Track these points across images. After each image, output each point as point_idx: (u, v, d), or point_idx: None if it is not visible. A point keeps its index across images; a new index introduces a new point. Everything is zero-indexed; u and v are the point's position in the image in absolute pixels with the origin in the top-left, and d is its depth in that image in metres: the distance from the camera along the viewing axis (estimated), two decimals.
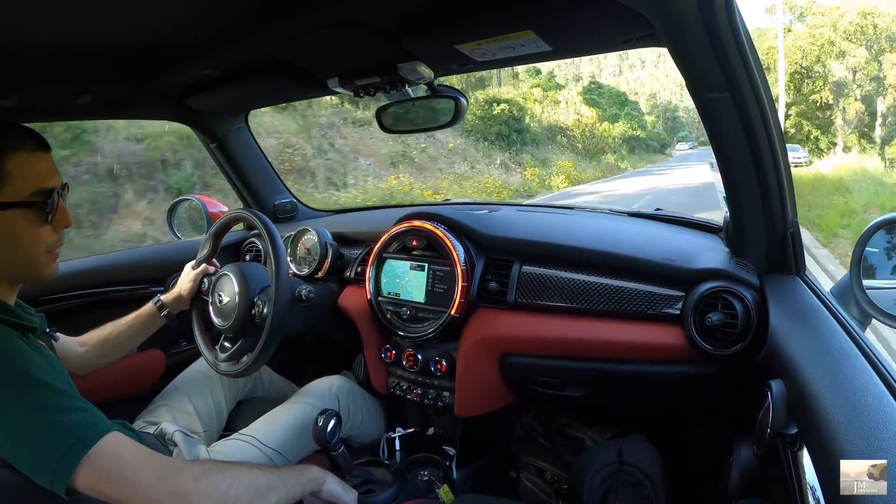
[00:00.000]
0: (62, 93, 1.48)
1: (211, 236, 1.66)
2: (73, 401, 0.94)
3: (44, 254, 1.05)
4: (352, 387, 1.76)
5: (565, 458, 1.70)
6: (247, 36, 1.23)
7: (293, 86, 1.58)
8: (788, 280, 1.26)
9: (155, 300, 1.56)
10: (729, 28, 0.95)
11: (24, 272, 1.05)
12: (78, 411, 0.93)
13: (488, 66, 1.38)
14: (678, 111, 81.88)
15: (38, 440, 0.88)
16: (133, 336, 1.52)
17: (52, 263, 1.08)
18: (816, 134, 32.20)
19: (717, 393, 1.38)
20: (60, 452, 0.88)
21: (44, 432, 0.89)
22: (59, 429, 0.90)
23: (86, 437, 0.91)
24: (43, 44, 1.10)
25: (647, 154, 46.39)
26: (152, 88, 1.62)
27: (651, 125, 57.84)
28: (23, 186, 0.99)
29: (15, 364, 0.90)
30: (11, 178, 0.97)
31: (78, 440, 0.90)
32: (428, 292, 1.66)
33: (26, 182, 0.99)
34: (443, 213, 1.72)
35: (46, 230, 1.03)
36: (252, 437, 1.46)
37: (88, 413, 0.95)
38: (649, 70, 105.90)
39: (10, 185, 0.97)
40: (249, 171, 2.26)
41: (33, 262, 1.04)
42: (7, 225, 0.98)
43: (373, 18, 1.14)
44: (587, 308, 1.45)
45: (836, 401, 0.78)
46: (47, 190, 1.02)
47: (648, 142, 49.75)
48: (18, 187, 0.98)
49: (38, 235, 1.02)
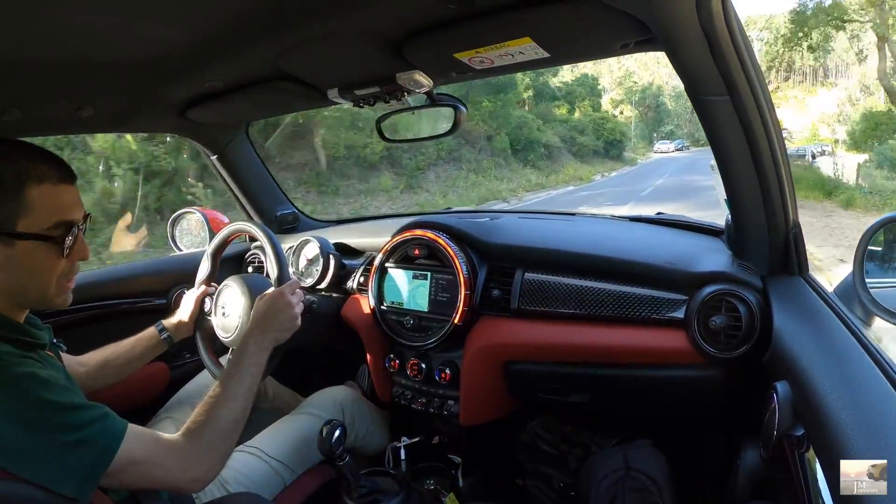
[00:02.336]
0: (64, 107, 1.48)
1: (209, 256, 1.65)
2: (91, 411, 0.95)
3: (55, 284, 1.03)
4: (356, 397, 1.76)
5: (571, 464, 1.69)
6: (247, 48, 1.23)
7: (293, 97, 1.59)
8: (791, 281, 1.26)
9: (157, 325, 1.54)
10: (727, 31, 0.96)
11: (34, 300, 1.04)
12: (98, 420, 0.94)
13: (487, 73, 1.38)
14: (661, 98, 63.78)
15: (67, 457, 0.89)
16: (134, 359, 1.50)
17: (65, 293, 1.07)
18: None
19: (722, 396, 1.38)
20: (90, 464, 0.90)
21: (72, 448, 0.89)
22: (86, 442, 0.91)
23: (111, 443, 0.93)
24: (44, 58, 1.11)
25: (578, 162, 31.42)
26: (153, 101, 1.63)
27: (605, 119, 39.96)
28: (43, 218, 0.96)
29: (36, 391, 0.90)
30: (32, 210, 0.95)
31: (105, 448, 0.92)
32: (431, 301, 1.66)
33: (47, 214, 0.97)
34: (444, 221, 1.73)
35: (62, 262, 1.01)
36: (257, 448, 1.46)
37: (104, 419, 0.96)
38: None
39: (31, 216, 0.95)
40: (251, 183, 2.26)
41: (45, 292, 1.02)
42: (22, 254, 0.96)
43: (371, 29, 1.15)
44: (590, 314, 1.45)
45: (842, 401, 0.78)
46: (68, 223, 1.00)
47: (589, 141, 34.73)
48: (38, 219, 0.96)
49: (53, 266, 1.00)
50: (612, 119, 44.10)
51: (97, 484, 0.90)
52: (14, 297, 1.00)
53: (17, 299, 1.01)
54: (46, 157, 1.00)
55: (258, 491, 1.33)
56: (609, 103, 57.18)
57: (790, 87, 67.96)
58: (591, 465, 1.54)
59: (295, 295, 1.34)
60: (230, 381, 1.17)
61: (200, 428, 1.08)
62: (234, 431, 1.13)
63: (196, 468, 1.04)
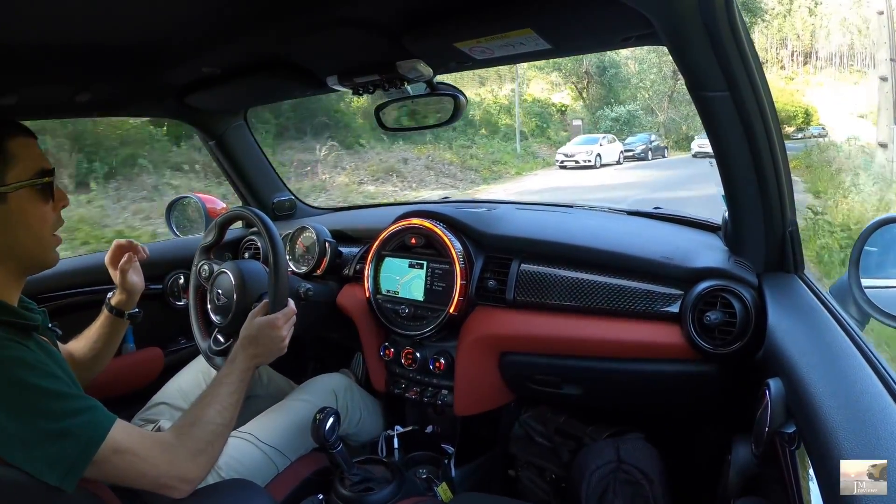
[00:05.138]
0: (61, 91, 1.47)
1: (217, 225, 1.64)
2: (78, 401, 0.95)
3: (50, 235, 1.08)
4: (350, 385, 1.76)
5: (564, 456, 1.70)
6: (246, 34, 1.23)
7: (292, 84, 1.58)
8: (787, 279, 1.26)
9: (105, 303, 1.47)
10: (728, 27, 0.95)
11: (33, 256, 1.07)
12: (84, 412, 0.95)
13: (488, 64, 1.38)
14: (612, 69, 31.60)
15: (49, 446, 0.89)
16: (103, 349, 1.44)
17: (56, 247, 1.11)
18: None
19: (715, 392, 1.38)
20: (73, 455, 0.90)
21: (54, 438, 0.90)
22: (69, 433, 0.91)
23: (95, 436, 0.93)
24: (41, 42, 1.10)
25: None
26: (152, 86, 1.62)
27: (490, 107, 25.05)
28: (27, 168, 1.03)
29: (20, 374, 0.91)
30: (16, 161, 1.01)
31: (88, 441, 0.92)
32: (426, 290, 1.66)
33: (28, 163, 1.03)
34: (441, 210, 1.72)
35: (49, 210, 1.07)
36: (250, 434, 1.46)
37: (93, 411, 0.96)
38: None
39: (17, 167, 1.01)
40: (248, 169, 2.26)
41: (42, 244, 1.07)
42: (17, 209, 1.01)
43: (372, 16, 1.14)
44: (586, 306, 1.45)
45: (834, 400, 0.79)
46: (46, 170, 1.06)
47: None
48: (23, 168, 1.02)
49: (45, 217, 1.06)
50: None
51: (81, 475, 0.91)
52: (12, 260, 1.03)
53: (13, 261, 1.04)
54: (7, 120, 1.07)
55: (251, 477, 1.33)
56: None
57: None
58: (583, 458, 1.55)
59: (288, 323, 1.35)
60: (220, 389, 1.18)
61: (190, 428, 1.09)
62: (222, 436, 1.14)
63: (184, 465, 1.04)
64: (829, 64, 51.53)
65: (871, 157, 13.76)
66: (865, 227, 1.22)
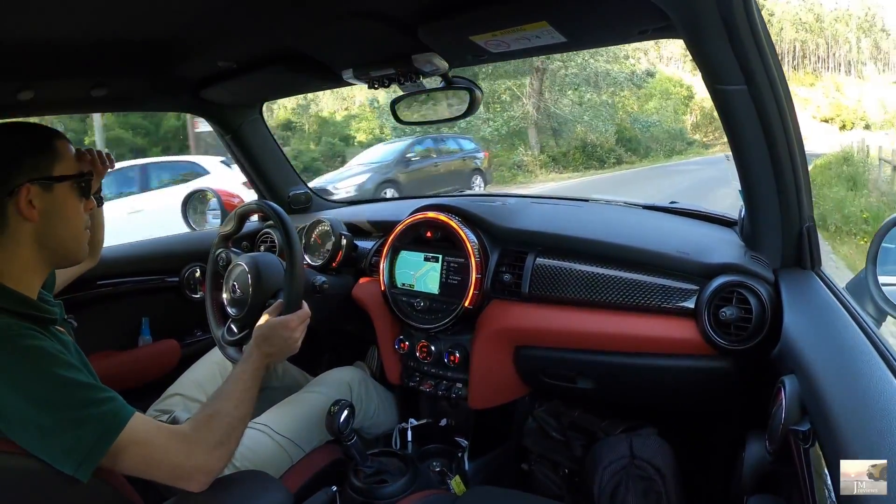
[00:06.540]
0: (77, 86, 1.49)
1: (237, 215, 1.62)
2: (97, 392, 0.96)
3: (83, 230, 1.12)
4: (365, 378, 1.77)
5: (577, 451, 1.70)
6: (262, 27, 1.23)
7: (308, 77, 1.58)
8: (804, 275, 1.25)
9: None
10: (746, 20, 0.94)
11: (67, 248, 1.10)
12: (103, 402, 0.95)
13: (503, 57, 1.37)
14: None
15: (66, 434, 0.90)
16: (91, 238, 1.33)
17: (85, 243, 1.15)
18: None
19: (730, 388, 1.37)
20: (89, 445, 0.91)
21: (72, 427, 0.91)
22: (87, 422, 0.92)
23: (113, 426, 0.94)
24: (58, 38, 1.11)
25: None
26: (167, 80, 1.63)
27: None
28: (70, 165, 1.08)
29: (41, 363, 0.92)
30: (62, 158, 1.07)
31: (105, 431, 0.93)
32: (442, 284, 1.66)
33: (70, 163, 1.08)
34: (457, 204, 1.72)
35: (82, 208, 1.11)
36: (265, 425, 1.47)
37: (111, 402, 0.97)
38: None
39: (62, 163, 1.06)
40: (264, 163, 2.27)
41: (77, 238, 1.11)
42: (61, 199, 1.05)
43: (387, 9, 1.14)
44: (601, 300, 1.45)
45: (849, 398, 0.78)
46: (84, 171, 1.11)
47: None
48: (67, 165, 1.07)
49: (80, 214, 1.10)
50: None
51: (97, 464, 0.91)
52: (46, 249, 1.05)
53: (48, 251, 1.06)
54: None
55: (265, 468, 1.34)
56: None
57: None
58: (596, 452, 1.55)
59: (301, 325, 1.34)
60: (237, 385, 1.19)
61: (208, 421, 1.10)
62: (239, 430, 1.14)
63: (202, 458, 1.04)
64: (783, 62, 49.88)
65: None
66: (883, 224, 1.20)
